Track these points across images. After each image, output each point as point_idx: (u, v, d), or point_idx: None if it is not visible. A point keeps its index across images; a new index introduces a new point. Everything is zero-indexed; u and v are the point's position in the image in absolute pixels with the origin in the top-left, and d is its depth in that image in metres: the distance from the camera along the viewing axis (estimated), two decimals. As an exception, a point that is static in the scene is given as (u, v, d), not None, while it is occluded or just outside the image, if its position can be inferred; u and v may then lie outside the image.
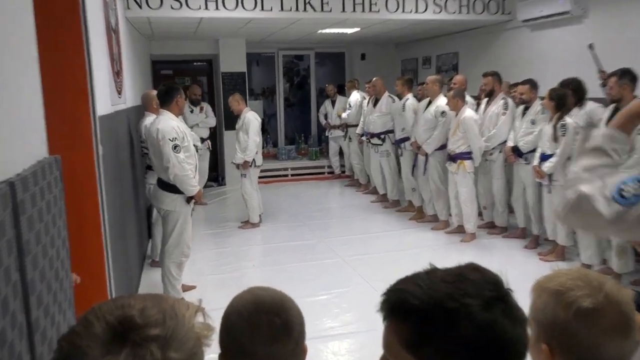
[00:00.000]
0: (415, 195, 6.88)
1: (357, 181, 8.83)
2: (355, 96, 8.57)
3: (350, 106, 8.58)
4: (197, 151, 4.61)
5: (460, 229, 5.99)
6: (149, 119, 4.76)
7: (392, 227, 6.57)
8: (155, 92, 4.73)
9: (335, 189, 9.17)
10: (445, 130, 6.02)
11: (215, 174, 9.42)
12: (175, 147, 3.99)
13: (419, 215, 6.78)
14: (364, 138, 7.82)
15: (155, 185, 4.34)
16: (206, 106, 8.19)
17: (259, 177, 6.83)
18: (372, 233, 6.34)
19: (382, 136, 7.31)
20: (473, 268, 0.85)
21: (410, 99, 6.76)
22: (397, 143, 6.97)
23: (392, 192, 7.43)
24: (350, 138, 8.68)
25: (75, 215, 2.69)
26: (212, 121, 8.19)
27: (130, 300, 0.76)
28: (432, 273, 0.85)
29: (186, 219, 4.27)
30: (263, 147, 7.54)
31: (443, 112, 6.04)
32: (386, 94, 7.31)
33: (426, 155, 6.26)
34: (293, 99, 11.53)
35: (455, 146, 5.69)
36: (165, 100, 4.18)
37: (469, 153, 5.65)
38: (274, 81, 10.63)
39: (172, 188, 4.13)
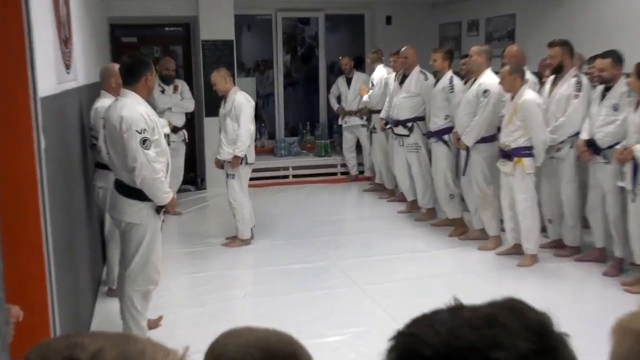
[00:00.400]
0: (453, 204, 6.86)
1: (380, 185, 8.83)
2: (380, 72, 8.56)
3: (373, 85, 8.57)
4: (168, 144, 4.60)
5: (516, 249, 5.97)
6: (104, 101, 4.78)
7: (425, 245, 6.56)
8: (117, 67, 4.75)
9: (351, 195, 9.18)
10: (489, 114, 6.01)
11: (193, 175, 9.46)
12: (144, 141, 3.96)
13: (461, 230, 6.77)
14: (387, 126, 7.76)
15: (113, 190, 4.33)
16: (182, 85, 8.24)
17: (250, 179, 6.86)
18: (399, 254, 6.33)
19: (410, 124, 7.30)
20: (509, 307, 0.85)
21: (455, 77, 6.75)
22: (437, 135, 6.90)
23: (425, 197, 7.41)
24: (374, 128, 8.60)
25: (10, 229, 2.71)
26: (190, 104, 8.23)
27: (85, 339, 0.76)
28: (457, 312, 0.85)
29: (155, 234, 4.26)
30: (256, 140, 7.55)
31: (486, 91, 6.03)
32: (417, 68, 7.30)
33: (467, 149, 6.26)
34: (296, 76, 11.56)
35: (511, 139, 5.67)
36: (131, 77, 4.16)
37: (529, 148, 5.63)
38: (271, 52, 10.66)
39: (136, 194, 4.10)
